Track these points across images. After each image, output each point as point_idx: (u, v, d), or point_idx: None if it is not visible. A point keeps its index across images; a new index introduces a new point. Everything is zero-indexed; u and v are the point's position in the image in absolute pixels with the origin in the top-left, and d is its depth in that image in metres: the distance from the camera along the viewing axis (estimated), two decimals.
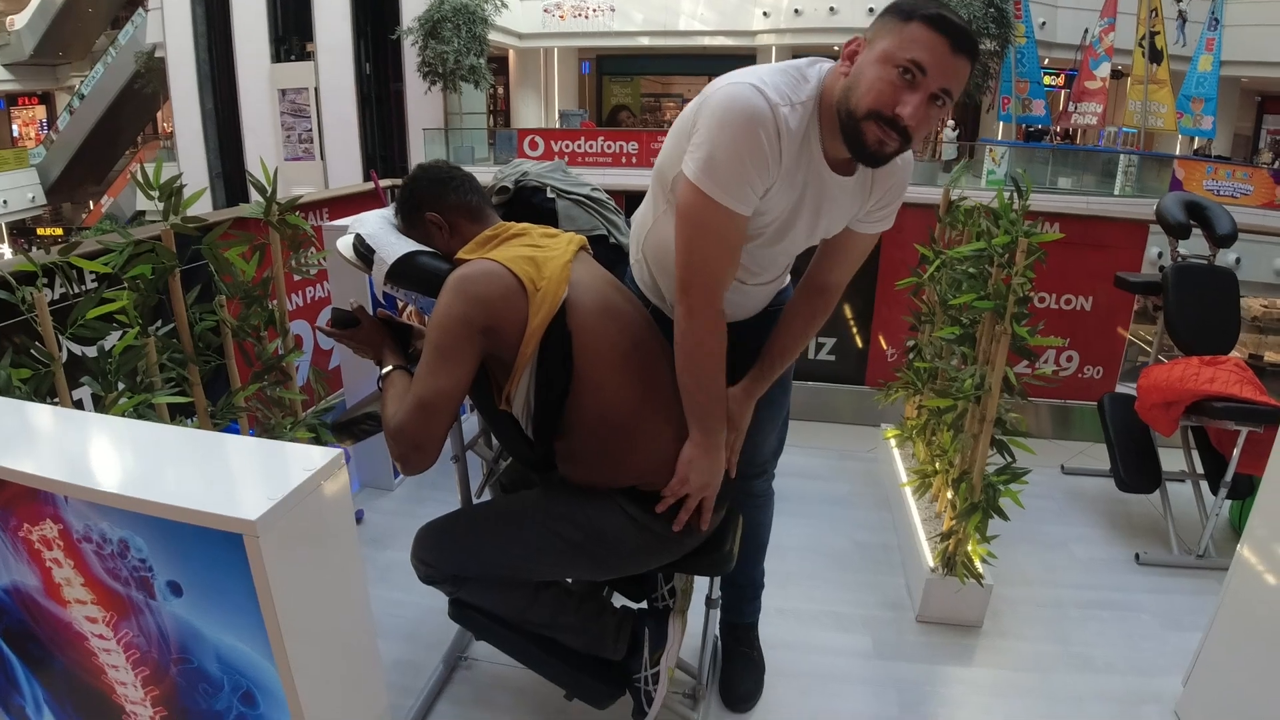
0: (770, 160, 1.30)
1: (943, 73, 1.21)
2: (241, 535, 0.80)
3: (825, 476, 3.15)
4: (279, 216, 2.20)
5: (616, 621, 1.62)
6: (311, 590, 0.89)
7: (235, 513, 0.79)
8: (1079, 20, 15.67)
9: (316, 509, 0.86)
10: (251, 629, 0.87)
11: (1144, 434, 2.77)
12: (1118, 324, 3.68)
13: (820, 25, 17.31)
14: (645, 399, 1.44)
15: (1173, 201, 2.86)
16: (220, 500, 0.82)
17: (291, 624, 0.84)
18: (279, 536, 0.81)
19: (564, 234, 1.55)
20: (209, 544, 0.84)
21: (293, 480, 0.83)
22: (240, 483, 0.89)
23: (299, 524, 0.84)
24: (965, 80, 1.25)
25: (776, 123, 1.28)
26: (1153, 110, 14.28)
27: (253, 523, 0.78)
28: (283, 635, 0.83)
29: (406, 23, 14.84)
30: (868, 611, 2.30)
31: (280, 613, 0.82)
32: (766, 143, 1.28)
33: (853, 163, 1.37)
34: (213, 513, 0.80)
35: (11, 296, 1.50)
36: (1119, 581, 2.49)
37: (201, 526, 0.82)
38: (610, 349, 1.42)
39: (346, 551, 0.94)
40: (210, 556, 0.86)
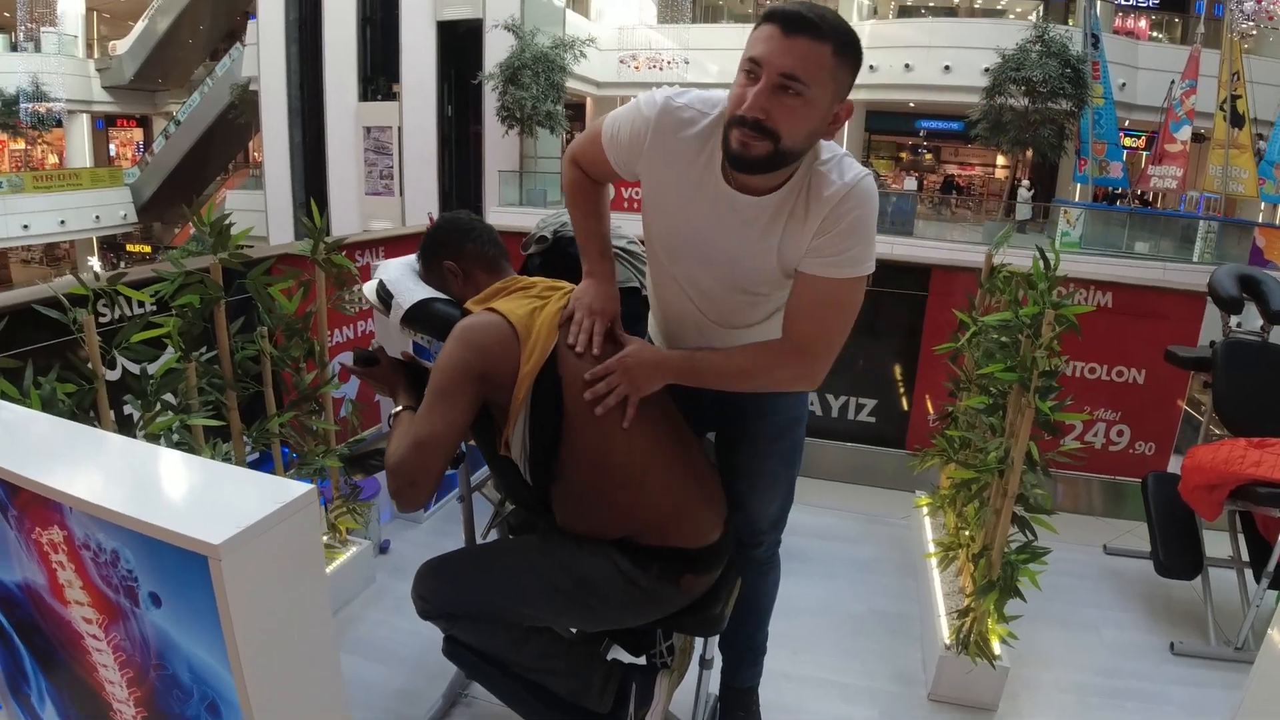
0: (638, 137, 1.42)
1: (780, 57, 1.23)
2: (206, 558, 0.85)
3: (852, 539, 3.10)
4: (325, 255, 2.32)
5: (604, 673, 1.62)
6: (272, 615, 0.94)
7: (202, 535, 0.85)
8: (1160, 82, 15.36)
9: (283, 539, 0.91)
10: (216, 645, 0.92)
11: (1187, 517, 2.66)
12: (1172, 399, 3.55)
13: (895, 81, 17.38)
14: (638, 452, 1.46)
15: (1225, 274, 2.78)
16: (192, 522, 0.88)
17: (250, 644, 0.89)
18: (241, 561, 0.86)
19: (567, 286, 1.60)
20: (182, 562, 0.90)
21: (260, 510, 0.89)
22: (216, 508, 0.95)
23: (264, 552, 0.89)
24: (820, 61, 1.24)
25: (664, 114, 1.40)
26: (1234, 175, 13.81)
27: (216, 546, 0.84)
28: (239, 653, 0.88)
29: (488, 68, 15.41)
30: (877, 684, 2.25)
31: (239, 633, 0.88)
32: (642, 130, 1.42)
33: (767, 183, 1.37)
34: (182, 533, 0.86)
35: (63, 317, 1.62)
36: (1149, 670, 2.37)
37: (175, 545, 0.88)
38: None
39: (312, 581, 0.99)
40: (184, 573, 0.92)
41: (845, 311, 1.42)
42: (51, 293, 1.72)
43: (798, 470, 1.79)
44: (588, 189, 1.61)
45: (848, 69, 1.28)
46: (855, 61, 1.29)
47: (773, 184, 1.37)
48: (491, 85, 15.30)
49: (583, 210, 1.62)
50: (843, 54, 1.26)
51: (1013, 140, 14.73)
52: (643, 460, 1.46)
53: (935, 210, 19.78)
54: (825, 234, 1.36)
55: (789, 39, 1.23)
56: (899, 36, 17.41)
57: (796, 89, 1.24)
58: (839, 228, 1.35)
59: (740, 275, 1.47)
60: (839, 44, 1.25)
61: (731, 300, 1.52)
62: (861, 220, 1.35)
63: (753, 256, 1.43)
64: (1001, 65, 14.27)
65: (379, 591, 2.55)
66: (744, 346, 1.50)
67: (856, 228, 1.35)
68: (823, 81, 1.26)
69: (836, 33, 1.25)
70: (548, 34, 15.42)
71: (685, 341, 1.63)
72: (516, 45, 14.97)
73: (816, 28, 1.23)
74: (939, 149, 22.79)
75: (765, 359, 1.47)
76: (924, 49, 16.85)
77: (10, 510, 1.17)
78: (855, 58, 1.29)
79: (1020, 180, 17.26)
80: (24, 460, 1.12)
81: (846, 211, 1.34)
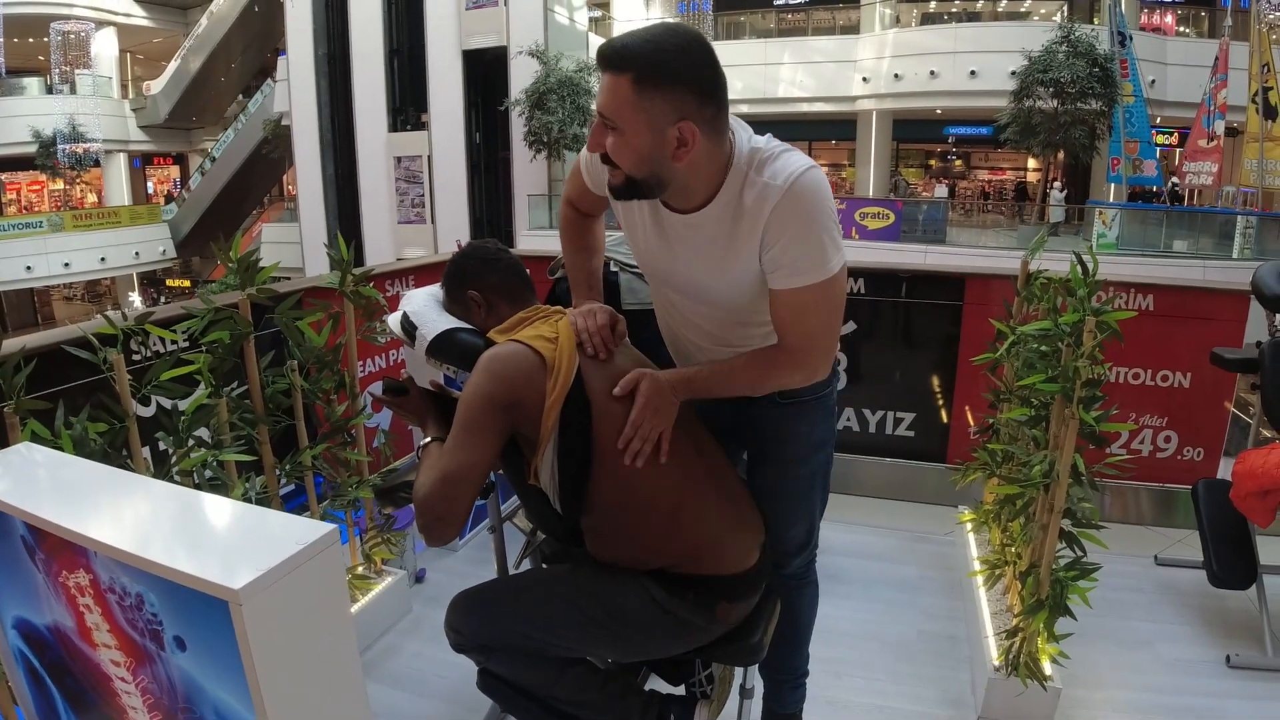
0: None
1: (599, 96, 1.28)
2: (227, 602, 0.84)
3: (895, 559, 3.02)
4: (353, 288, 2.33)
5: (642, 704, 1.59)
6: (297, 659, 0.92)
7: (222, 580, 0.84)
8: (1189, 77, 15.07)
9: (305, 581, 0.90)
10: (241, 689, 0.91)
11: (1240, 524, 2.56)
12: (1220, 402, 3.43)
13: (920, 89, 17.27)
14: (670, 481, 1.43)
15: (1269, 271, 2.68)
16: (213, 567, 0.87)
17: (274, 690, 0.88)
18: (263, 605, 0.85)
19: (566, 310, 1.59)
20: (205, 606, 0.89)
21: (281, 553, 0.87)
22: (237, 551, 0.94)
23: (285, 595, 0.88)
24: (620, 94, 1.23)
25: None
26: (1270, 169, 13.46)
27: (236, 591, 0.83)
28: (264, 698, 0.87)
29: (514, 94, 15.61)
30: (926, 708, 2.18)
31: (262, 678, 0.86)
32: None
33: (687, 201, 1.37)
34: (203, 578, 0.85)
35: (93, 357, 1.64)
36: (1206, 686, 2.27)
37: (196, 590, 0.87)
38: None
39: (336, 622, 0.97)
40: (207, 618, 0.90)
41: (826, 312, 1.39)
42: (81, 334, 1.74)
43: (824, 493, 1.76)
44: (578, 224, 1.68)
45: (660, 94, 1.23)
46: (667, 84, 1.23)
47: (695, 201, 1.36)
48: (518, 111, 15.50)
49: (574, 245, 1.69)
50: (645, 81, 1.22)
51: (1043, 143, 14.54)
52: (675, 490, 1.44)
53: (967, 216, 19.56)
54: (773, 246, 1.32)
55: (604, 75, 1.26)
56: (923, 44, 17.33)
57: (610, 123, 1.27)
58: (783, 240, 1.31)
59: (714, 298, 1.47)
60: (638, 73, 1.22)
61: (718, 321, 1.52)
62: (806, 225, 1.30)
63: (713, 277, 1.42)
64: (1028, 68, 14.13)
65: (415, 621, 2.54)
66: (747, 357, 1.47)
67: (803, 233, 1.30)
68: (627, 114, 1.24)
69: (636, 61, 1.22)
70: (572, 58, 15.60)
71: (682, 345, 1.64)
72: (541, 71, 15.17)
73: (615, 61, 1.23)
74: (968, 155, 22.56)
75: (767, 368, 1.46)
76: (949, 55, 16.75)
77: (39, 554, 1.17)
78: (664, 80, 1.22)
79: (1052, 183, 16.99)
80: (51, 504, 1.12)
81: (785, 220, 1.30)
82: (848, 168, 20.76)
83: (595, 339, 1.46)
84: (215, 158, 22.70)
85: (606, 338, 1.48)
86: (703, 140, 1.27)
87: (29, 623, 1.29)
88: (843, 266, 1.35)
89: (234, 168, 22.31)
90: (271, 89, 20.27)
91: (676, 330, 1.63)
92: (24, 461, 1.31)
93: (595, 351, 1.46)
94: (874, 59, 17.86)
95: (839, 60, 18.28)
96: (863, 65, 18.05)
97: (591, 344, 1.46)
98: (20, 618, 1.30)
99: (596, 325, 1.47)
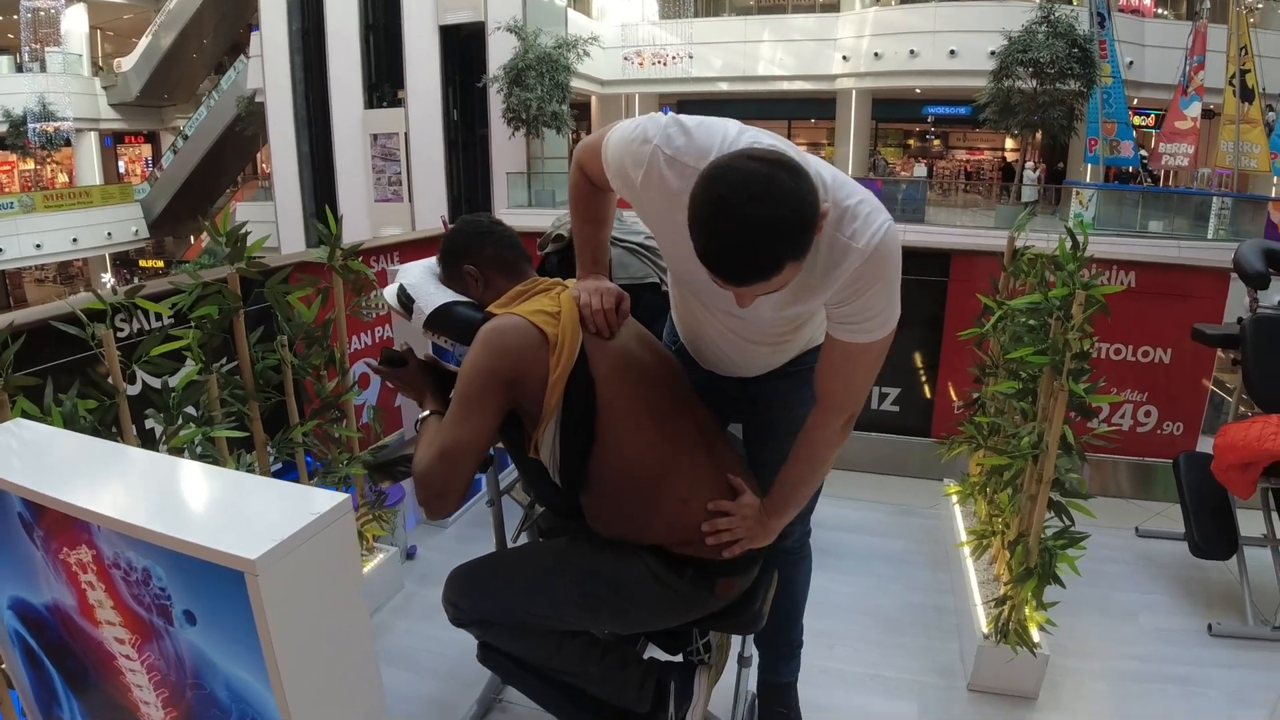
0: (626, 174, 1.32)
1: (750, 295, 1.17)
2: (243, 573, 0.83)
3: (882, 532, 3.05)
4: (342, 262, 2.30)
5: (641, 673, 1.60)
6: (311, 629, 0.92)
7: (237, 551, 0.83)
8: (1167, 59, 15.17)
9: (319, 551, 0.89)
10: (255, 662, 0.90)
11: (1221, 496, 2.61)
12: (1199, 377, 3.49)
13: (900, 68, 17.25)
14: (670, 458, 1.43)
15: (1250, 249, 2.73)
16: (227, 538, 0.86)
17: (289, 660, 0.87)
18: (279, 575, 0.84)
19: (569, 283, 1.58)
20: (218, 578, 0.88)
21: (295, 523, 0.87)
22: (250, 522, 0.93)
23: (301, 564, 0.87)
24: (786, 277, 1.12)
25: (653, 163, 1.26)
26: (1246, 150, 13.63)
27: (252, 561, 0.82)
28: (280, 670, 0.86)
29: (492, 71, 15.42)
30: (916, 677, 2.21)
31: (278, 649, 0.85)
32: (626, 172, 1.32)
33: None
34: (217, 549, 0.84)
35: (82, 332, 1.61)
36: (1188, 654, 2.33)
37: (210, 562, 0.86)
38: (631, 401, 1.42)
39: (349, 593, 0.97)
40: (219, 590, 0.90)
41: (873, 367, 1.36)
42: (69, 309, 1.71)
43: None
44: (591, 195, 1.55)
45: (810, 238, 1.11)
46: (813, 222, 1.10)
47: None
48: (496, 88, 15.31)
49: (583, 217, 1.59)
50: (802, 250, 1.11)
51: (1022, 123, 14.61)
52: (680, 468, 1.44)
53: (944, 196, 19.63)
54: (848, 303, 1.27)
55: (744, 287, 1.13)
56: (903, 23, 17.27)
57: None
58: (861, 298, 1.26)
59: (753, 318, 1.42)
60: (795, 258, 1.10)
61: (746, 324, 1.48)
62: (885, 285, 1.25)
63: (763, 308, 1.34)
64: (1008, 48, 14.15)
65: (407, 599, 2.53)
66: (797, 448, 1.44)
67: (881, 293, 1.25)
68: (793, 276, 1.14)
69: (782, 254, 1.08)
70: (550, 34, 15.41)
71: (710, 346, 1.61)
72: (520, 47, 14.96)
73: (767, 273, 1.09)
74: (946, 134, 22.60)
75: (820, 438, 1.42)
76: (929, 34, 16.71)
77: (37, 531, 1.15)
78: (813, 222, 1.10)
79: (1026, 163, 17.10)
80: (49, 479, 1.10)
81: (865, 282, 1.24)
82: (827, 146, 20.70)
83: (599, 318, 1.45)
84: (187, 136, 22.25)
85: (613, 319, 1.47)
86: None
87: (26, 602, 1.27)
88: (895, 327, 1.32)
89: (207, 146, 21.87)
90: (245, 65, 19.88)
91: (697, 328, 1.60)
92: (17, 438, 1.29)
93: (598, 331, 1.45)
94: (854, 38, 17.79)
95: (819, 39, 18.20)
96: (842, 44, 17.98)
97: (595, 323, 1.45)
98: (16, 598, 1.28)
99: (602, 305, 1.46)
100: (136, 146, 26.63)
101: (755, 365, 1.61)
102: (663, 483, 1.42)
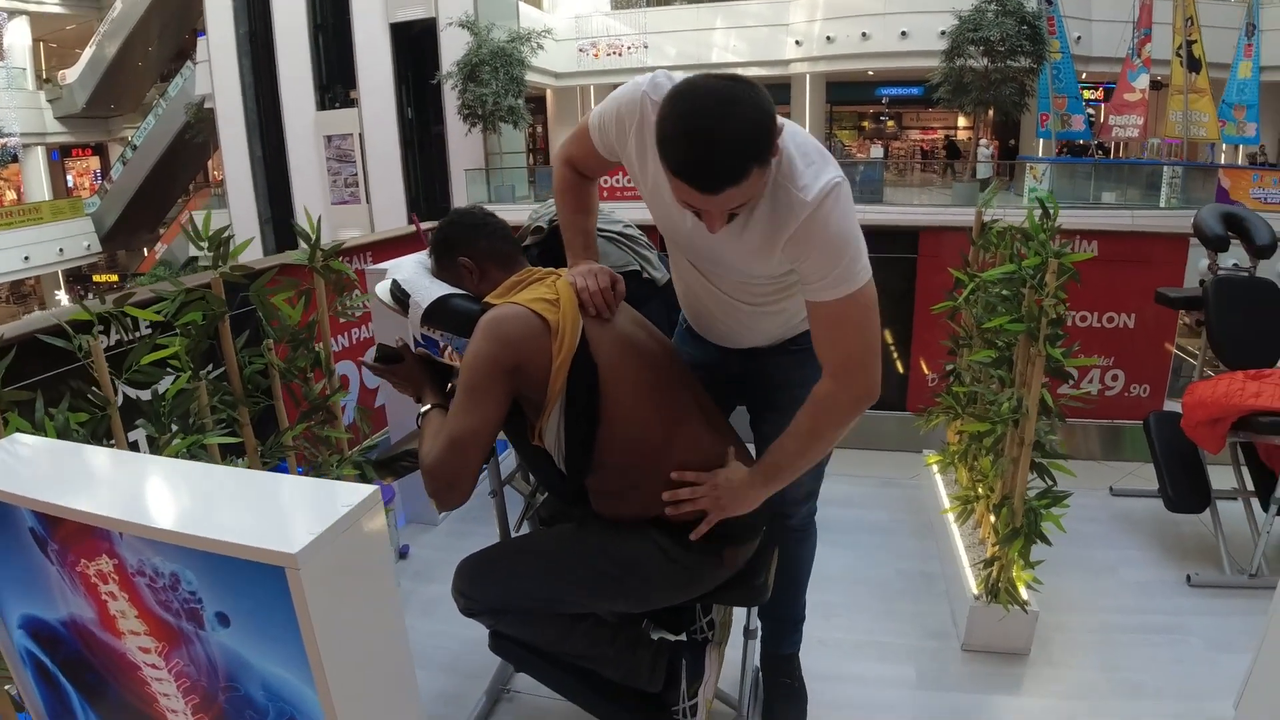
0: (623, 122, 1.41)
1: (719, 206, 1.24)
2: (284, 568, 0.84)
3: (866, 504, 3.12)
4: (323, 262, 2.29)
5: (653, 653, 1.63)
6: (351, 621, 0.93)
7: (277, 546, 0.84)
8: (1115, 33, 15.48)
9: (356, 543, 0.90)
10: (294, 658, 0.91)
11: (1192, 452, 2.71)
12: (1163, 340, 3.61)
13: (853, 51, 17.37)
14: (672, 431, 1.47)
15: (1210, 214, 2.82)
16: (264, 535, 0.86)
17: (332, 653, 0.88)
18: (319, 569, 0.85)
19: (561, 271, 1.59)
20: (254, 577, 0.89)
21: (332, 515, 0.88)
22: (283, 518, 0.94)
23: (338, 557, 0.88)
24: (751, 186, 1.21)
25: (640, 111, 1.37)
26: (1194, 120, 14.01)
27: (294, 556, 0.83)
28: (323, 664, 0.87)
29: (446, 67, 15.27)
30: (911, 641, 2.28)
31: (320, 643, 0.86)
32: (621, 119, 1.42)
33: None
34: (256, 546, 0.84)
35: (69, 344, 1.59)
36: (1169, 604, 2.43)
37: (247, 560, 0.87)
38: (633, 382, 1.45)
39: (384, 584, 0.98)
40: (255, 589, 0.90)
41: (863, 325, 1.38)
42: (54, 321, 1.69)
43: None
44: (579, 185, 1.63)
45: (772, 141, 1.20)
46: (772, 127, 1.20)
47: None
48: (451, 84, 15.16)
49: (572, 206, 1.64)
50: (765, 153, 1.19)
51: (975, 101, 14.82)
52: (683, 439, 1.47)
53: (900, 176, 19.88)
54: (804, 259, 1.33)
55: (715, 196, 1.20)
56: (855, 6, 17.37)
57: (741, 208, 1.25)
58: (814, 253, 1.31)
59: (740, 275, 1.48)
60: (758, 161, 1.18)
61: (744, 287, 1.53)
62: (835, 237, 1.30)
63: (745, 263, 1.43)
64: (959, 27, 14.32)
65: (404, 596, 2.53)
66: (799, 417, 1.44)
67: (832, 245, 1.30)
68: (761, 185, 1.23)
69: (748, 156, 1.17)
70: (503, 28, 15.29)
71: (709, 315, 1.65)
72: (473, 42, 14.83)
73: (735, 176, 1.17)
74: (900, 115, 22.85)
75: (822, 411, 1.41)
76: (880, 16, 16.83)
77: (51, 545, 1.13)
78: (772, 127, 1.20)
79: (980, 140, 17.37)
80: (63, 490, 1.09)
81: (815, 234, 1.29)
82: None
83: (598, 299, 1.48)
84: (136, 146, 21.68)
85: (609, 299, 1.49)
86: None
87: (39, 620, 1.25)
88: (870, 280, 1.35)
89: (156, 155, 21.35)
90: (192, 71, 19.46)
91: (699, 288, 1.63)
92: (18, 452, 1.27)
93: (598, 312, 1.47)
94: (806, 22, 17.88)
95: (771, 24, 18.26)
96: (795, 28, 18.06)
97: (594, 304, 1.47)
98: (28, 616, 1.26)
99: (599, 286, 1.48)
100: (84, 159, 25.91)
101: (751, 333, 1.66)
102: (663, 456, 1.45)
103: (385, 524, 0.96)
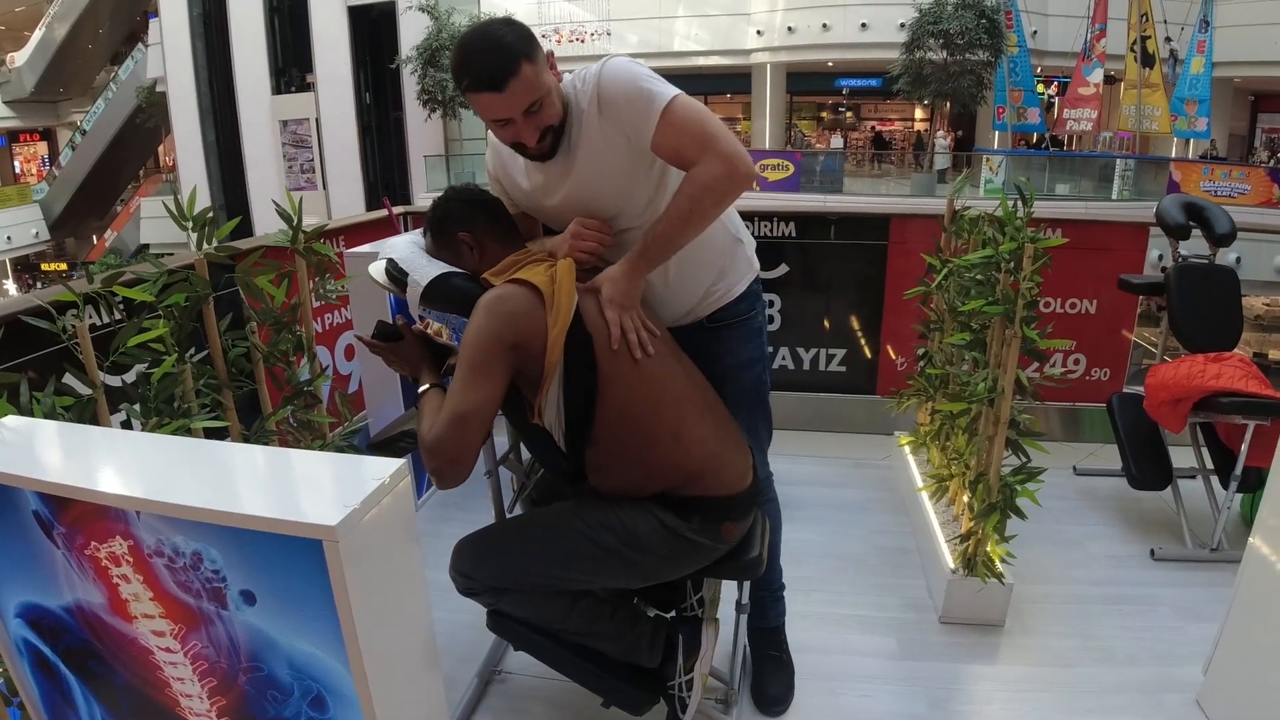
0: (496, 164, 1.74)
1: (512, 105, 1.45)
2: (320, 541, 0.84)
3: (840, 484, 3.19)
4: (305, 244, 2.26)
5: (652, 629, 1.66)
6: (382, 595, 0.94)
7: (315, 519, 0.84)
8: (1071, 28, 15.83)
9: (387, 516, 0.91)
10: (326, 633, 0.91)
11: (1154, 432, 2.82)
12: (1122, 326, 3.72)
13: (813, 42, 17.52)
14: (668, 403, 1.50)
15: (1171, 203, 2.92)
16: (298, 509, 0.87)
17: (366, 627, 0.89)
18: (355, 542, 0.86)
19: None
20: (286, 552, 0.89)
21: (365, 488, 0.88)
22: (312, 493, 0.94)
23: (371, 530, 0.89)
24: (531, 81, 1.44)
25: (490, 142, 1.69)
26: (1147, 114, 14.40)
27: (333, 528, 0.83)
28: (358, 638, 0.88)
29: (405, 52, 15.04)
30: (891, 614, 2.34)
31: (356, 616, 0.87)
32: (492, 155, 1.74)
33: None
34: (293, 520, 0.85)
35: (52, 326, 1.56)
36: (1136, 576, 2.53)
37: (280, 535, 0.87)
38: (627, 355, 1.47)
39: (411, 558, 0.99)
40: (286, 565, 0.90)
41: (699, 116, 1.49)
42: (37, 303, 1.65)
43: (765, 415, 1.88)
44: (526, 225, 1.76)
45: (537, 49, 1.44)
46: (533, 40, 1.45)
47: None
48: (410, 69, 14.96)
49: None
50: (532, 53, 1.42)
51: (934, 93, 15.05)
52: (676, 410, 1.50)
53: (859, 166, 20.12)
54: (622, 115, 1.49)
55: (502, 93, 1.41)
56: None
57: (535, 106, 1.44)
58: (622, 103, 1.49)
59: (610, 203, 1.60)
60: (526, 56, 1.41)
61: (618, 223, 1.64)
62: (626, 81, 1.49)
63: (597, 177, 1.56)
64: (918, 20, 14.53)
65: None
66: (673, 200, 1.52)
67: (628, 86, 1.49)
68: (541, 81, 1.44)
69: (515, 53, 1.40)
70: (464, 13, 15.09)
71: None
72: (433, 26, 14.63)
73: (510, 68, 1.40)
74: (859, 106, 23.09)
75: (692, 190, 1.49)
76: (841, 8, 17.00)
77: (58, 529, 1.11)
78: (532, 40, 1.44)
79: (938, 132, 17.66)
80: (71, 471, 1.08)
81: (610, 90, 1.49)
82: (744, 121, 20.93)
83: (593, 236, 1.56)
84: (86, 131, 21.00)
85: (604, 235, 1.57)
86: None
87: (39, 607, 1.22)
88: (680, 93, 1.50)
89: (106, 140, 20.71)
90: (143, 54, 18.91)
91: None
92: (14, 434, 1.25)
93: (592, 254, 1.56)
94: (767, 12, 17.97)
95: (733, 14, 18.32)
96: (756, 18, 18.15)
97: (587, 248, 1.56)
98: (27, 604, 1.23)
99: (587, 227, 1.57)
100: (32, 145, 25.03)
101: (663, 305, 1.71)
102: (664, 424, 1.48)
103: (411, 497, 0.97)
